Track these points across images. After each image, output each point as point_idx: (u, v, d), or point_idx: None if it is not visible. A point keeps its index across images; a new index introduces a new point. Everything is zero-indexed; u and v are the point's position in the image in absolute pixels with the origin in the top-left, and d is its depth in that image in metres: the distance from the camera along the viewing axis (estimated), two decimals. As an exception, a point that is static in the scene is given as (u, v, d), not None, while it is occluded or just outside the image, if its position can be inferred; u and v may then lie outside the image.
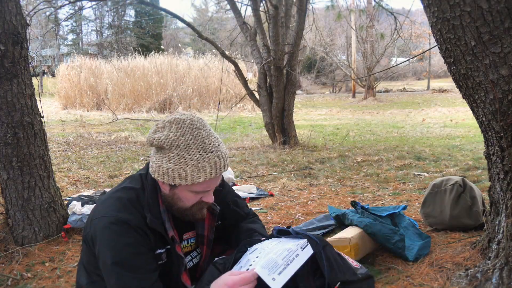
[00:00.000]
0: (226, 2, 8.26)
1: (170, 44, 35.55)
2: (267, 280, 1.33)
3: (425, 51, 22.65)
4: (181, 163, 1.43)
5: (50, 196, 3.20)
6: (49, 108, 17.59)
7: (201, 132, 1.45)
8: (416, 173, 5.26)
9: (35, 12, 6.00)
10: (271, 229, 3.35)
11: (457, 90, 2.33)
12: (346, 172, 5.49)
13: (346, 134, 9.32)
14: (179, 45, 24.70)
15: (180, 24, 39.92)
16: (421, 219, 3.30)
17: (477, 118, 2.26)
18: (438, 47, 2.22)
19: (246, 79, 8.17)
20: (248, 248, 1.55)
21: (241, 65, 11.40)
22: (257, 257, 1.45)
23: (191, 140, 1.43)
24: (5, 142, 2.99)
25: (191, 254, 1.70)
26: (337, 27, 26.17)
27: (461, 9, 1.99)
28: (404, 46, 20.11)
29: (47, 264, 2.77)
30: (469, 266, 2.33)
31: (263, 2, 7.64)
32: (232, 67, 7.87)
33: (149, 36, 34.92)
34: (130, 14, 37.31)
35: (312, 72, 32.11)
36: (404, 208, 3.14)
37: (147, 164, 1.57)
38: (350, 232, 2.62)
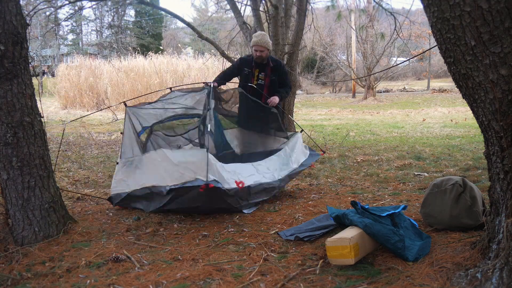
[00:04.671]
0: (226, 2, 8.25)
1: (170, 44, 35.54)
2: None
3: (425, 51, 22.61)
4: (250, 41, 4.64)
5: (50, 196, 3.20)
6: (49, 108, 17.59)
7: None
8: (416, 173, 5.26)
9: (35, 12, 6.01)
10: (272, 230, 3.35)
11: (457, 90, 2.33)
12: (346, 172, 5.49)
13: (346, 134, 9.32)
14: (179, 45, 24.67)
15: (180, 24, 39.93)
16: (421, 219, 3.30)
17: (477, 118, 2.26)
18: (438, 47, 2.22)
19: (246, 79, 8.16)
20: None
21: (241, 65, 11.36)
22: None
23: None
24: (5, 142, 2.99)
25: (260, 78, 4.61)
26: (337, 27, 26.16)
27: (461, 9, 1.99)
28: (404, 46, 20.09)
29: (47, 264, 2.76)
30: (469, 266, 2.33)
31: (263, 2, 7.64)
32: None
33: (149, 36, 34.89)
34: (130, 14, 37.28)
35: (312, 72, 32.08)
36: (404, 208, 3.15)
37: None
38: (350, 232, 2.62)
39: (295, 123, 5.88)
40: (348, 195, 4.39)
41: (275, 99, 4.55)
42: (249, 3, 7.75)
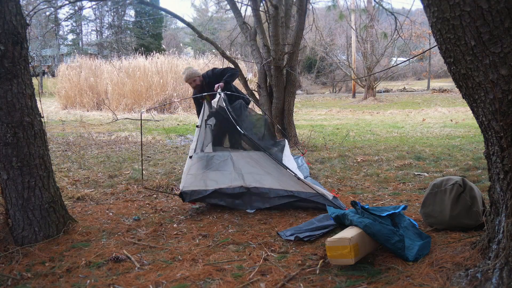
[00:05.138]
0: (226, 2, 8.26)
1: (170, 44, 35.54)
2: None
3: (425, 51, 22.63)
4: None
5: (50, 196, 3.20)
6: (49, 108, 17.59)
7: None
8: (416, 173, 5.26)
9: (35, 12, 6.01)
10: (272, 230, 3.34)
11: (457, 90, 2.33)
12: (346, 172, 5.48)
13: (346, 134, 9.32)
14: (181, 44, 24.66)
15: (180, 24, 39.94)
16: (421, 219, 3.30)
17: (477, 118, 2.26)
18: (438, 47, 2.22)
19: (246, 79, 8.18)
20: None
21: (241, 65, 11.40)
22: None
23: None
24: (5, 142, 2.99)
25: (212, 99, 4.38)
26: (337, 27, 26.17)
27: (461, 9, 1.99)
28: (404, 46, 20.09)
29: (47, 264, 2.77)
30: (469, 266, 2.33)
31: (263, 2, 7.64)
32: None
33: (149, 36, 34.89)
34: (130, 14, 37.28)
35: (312, 72, 32.09)
36: (404, 208, 3.15)
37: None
38: (350, 232, 2.62)
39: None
40: (348, 195, 4.39)
41: (220, 84, 4.72)
42: (249, 3, 7.76)
